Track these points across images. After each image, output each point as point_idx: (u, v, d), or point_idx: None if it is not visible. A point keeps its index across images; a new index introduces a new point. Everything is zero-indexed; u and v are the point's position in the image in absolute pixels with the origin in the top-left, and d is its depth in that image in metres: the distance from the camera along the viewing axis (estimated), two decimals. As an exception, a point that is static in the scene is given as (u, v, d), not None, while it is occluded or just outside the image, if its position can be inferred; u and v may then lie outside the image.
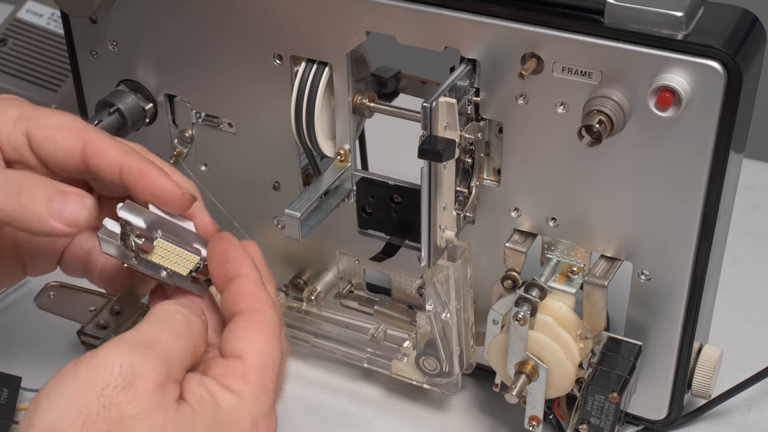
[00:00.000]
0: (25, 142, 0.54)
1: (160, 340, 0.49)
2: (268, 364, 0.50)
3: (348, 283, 0.73)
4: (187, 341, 0.50)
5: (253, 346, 0.50)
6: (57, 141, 0.54)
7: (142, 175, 0.53)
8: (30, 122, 0.54)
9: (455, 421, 0.70)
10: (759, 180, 0.93)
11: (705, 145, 0.56)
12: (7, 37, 1.02)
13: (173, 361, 0.48)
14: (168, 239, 0.53)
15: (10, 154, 0.54)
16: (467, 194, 0.64)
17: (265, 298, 0.52)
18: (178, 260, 0.53)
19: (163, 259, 0.53)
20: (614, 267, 0.62)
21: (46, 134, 0.54)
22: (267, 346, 0.51)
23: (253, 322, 0.51)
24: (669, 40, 0.54)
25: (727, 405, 0.70)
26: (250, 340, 0.50)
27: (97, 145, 0.54)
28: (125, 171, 0.54)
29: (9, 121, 0.54)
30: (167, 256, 0.53)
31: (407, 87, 0.71)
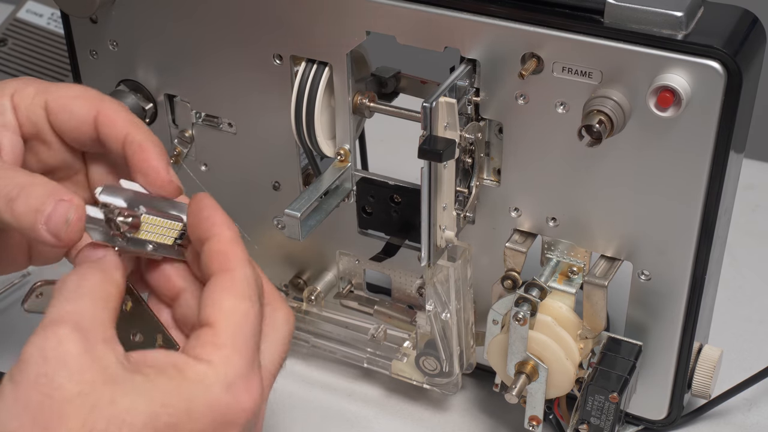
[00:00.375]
0: (43, 116, 0.55)
1: (63, 310, 0.47)
2: (240, 325, 0.49)
3: (348, 283, 0.73)
4: (91, 296, 0.48)
5: (222, 310, 0.49)
6: (72, 109, 0.55)
7: (141, 150, 0.54)
8: (48, 94, 0.55)
9: (455, 421, 0.70)
10: (759, 180, 0.93)
11: (705, 146, 0.56)
12: (7, 37, 1.02)
13: (86, 322, 0.47)
14: (152, 213, 0.53)
15: (28, 128, 0.56)
16: (467, 194, 0.64)
17: (236, 256, 0.51)
18: (162, 231, 0.53)
19: (149, 234, 0.53)
20: (614, 267, 0.62)
21: (62, 103, 0.55)
22: (237, 307, 0.49)
23: (222, 284, 0.50)
24: (669, 40, 0.54)
25: (727, 405, 0.70)
26: (219, 304, 0.49)
27: (108, 114, 0.55)
28: (128, 141, 0.54)
29: (28, 96, 0.56)
30: (152, 230, 0.53)
31: (407, 87, 0.71)
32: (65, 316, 0.47)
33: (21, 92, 0.56)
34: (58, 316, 0.47)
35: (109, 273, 0.51)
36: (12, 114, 0.55)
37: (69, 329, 0.46)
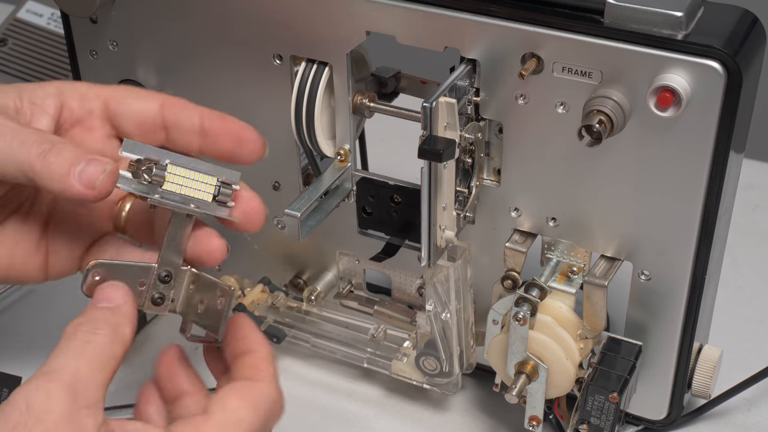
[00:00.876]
0: (99, 104, 0.57)
1: (62, 365, 0.48)
2: (230, 425, 0.49)
3: (348, 283, 0.73)
4: (94, 356, 0.49)
5: (224, 406, 0.50)
6: (139, 94, 0.57)
7: (223, 119, 0.56)
8: (106, 89, 0.57)
9: (455, 421, 0.70)
10: (759, 180, 0.93)
11: (705, 145, 0.56)
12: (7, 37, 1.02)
13: (79, 384, 0.47)
14: (178, 164, 0.54)
15: (77, 114, 0.56)
16: (467, 194, 0.64)
17: (266, 372, 0.53)
18: (197, 185, 0.54)
19: (181, 186, 0.53)
20: (614, 267, 0.62)
21: (126, 92, 0.57)
22: (239, 410, 0.50)
23: (240, 389, 0.51)
24: (669, 40, 0.54)
25: (727, 405, 0.70)
26: (225, 401, 0.50)
27: (175, 99, 0.57)
28: (206, 115, 0.56)
29: (82, 86, 0.57)
30: (184, 182, 0.54)
31: (407, 87, 0.71)
32: (61, 372, 0.48)
33: (72, 86, 0.57)
34: (56, 369, 0.48)
35: (119, 331, 0.51)
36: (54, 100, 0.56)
37: (59, 387, 0.47)
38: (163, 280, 0.55)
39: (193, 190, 0.54)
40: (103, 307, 0.52)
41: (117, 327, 0.51)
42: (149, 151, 0.54)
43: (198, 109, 0.56)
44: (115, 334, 0.50)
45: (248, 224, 0.56)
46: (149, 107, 0.56)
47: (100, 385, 0.48)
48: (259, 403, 0.51)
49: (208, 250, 0.55)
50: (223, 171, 0.54)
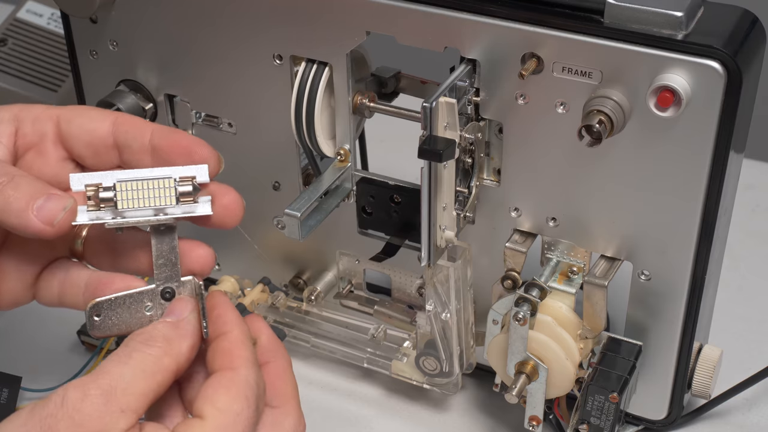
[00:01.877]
0: (51, 126, 0.55)
1: (106, 371, 0.49)
2: (229, 425, 0.49)
3: (348, 283, 0.73)
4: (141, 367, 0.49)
5: (216, 406, 0.50)
6: (90, 115, 0.55)
7: (172, 135, 0.54)
8: (60, 109, 0.56)
9: (455, 421, 0.70)
10: (759, 180, 0.93)
11: (705, 145, 0.56)
12: (7, 37, 1.02)
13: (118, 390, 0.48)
14: (127, 179, 0.51)
15: (30, 138, 0.55)
16: (467, 194, 0.64)
17: (240, 356, 0.52)
18: (154, 193, 0.52)
19: (137, 200, 0.51)
20: (614, 267, 0.62)
21: (78, 112, 0.56)
22: (231, 406, 0.50)
23: (221, 381, 0.51)
24: (669, 40, 0.54)
25: (727, 405, 0.70)
26: (215, 400, 0.50)
27: (127, 117, 0.55)
28: (156, 132, 0.54)
29: (36, 109, 0.56)
30: (140, 195, 0.51)
31: (407, 87, 0.71)
32: (103, 375, 0.48)
33: (28, 108, 0.56)
34: (101, 371, 0.49)
35: (174, 345, 0.51)
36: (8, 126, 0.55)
37: (96, 388, 0.48)
38: (166, 298, 0.53)
39: (152, 198, 0.51)
40: (165, 320, 0.52)
41: (173, 341, 0.51)
42: (93, 178, 0.51)
43: (149, 127, 0.54)
44: (169, 347, 0.51)
45: (226, 218, 0.54)
46: (99, 127, 0.55)
47: (140, 394, 0.49)
48: (246, 391, 0.51)
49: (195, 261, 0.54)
50: (185, 168, 0.52)
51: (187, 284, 0.53)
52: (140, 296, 0.53)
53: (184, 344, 0.51)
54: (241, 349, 0.52)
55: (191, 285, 0.54)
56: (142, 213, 0.51)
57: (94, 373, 0.49)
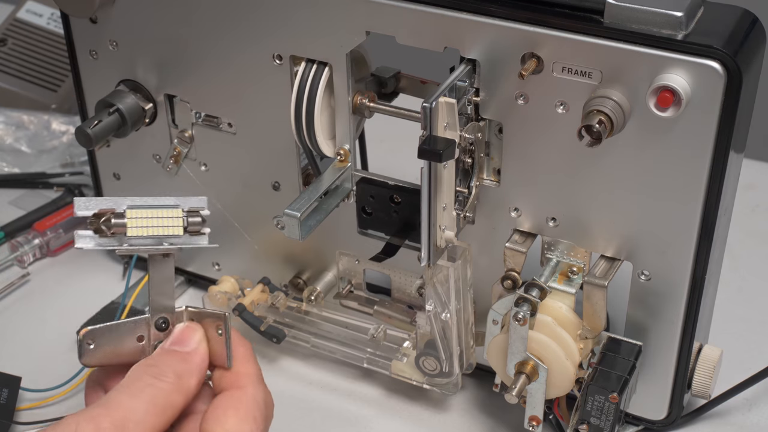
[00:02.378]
0: None
1: (118, 401, 0.49)
2: None
3: (348, 283, 0.73)
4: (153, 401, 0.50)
5: (225, 428, 0.51)
6: None
7: None
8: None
9: (455, 421, 0.70)
10: (759, 180, 0.93)
11: (705, 145, 0.56)
12: (7, 37, 1.02)
13: (131, 423, 0.48)
14: (137, 206, 0.52)
15: None
16: (467, 194, 0.63)
17: (248, 374, 0.53)
18: (163, 222, 0.52)
19: (147, 228, 0.52)
20: (614, 267, 0.62)
21: None
22: (240, 427, 0.51)
23: (230, 401, 0.52)
24: (669, 40, 0.54)
25: (727, 405, 0.70)
26: (224, 422, 0.51)
27: None
28: None
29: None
30: (149, 223, 0.52)
31: (407, 87, 0.71)
32: (116, 408, 0.49)
33: None
34: (113, 404, 0.49)
35: (184, 380, 0.51)
36: None
37: (109, 421, 0.48)
38: (160, 327, 0.54)
39: (161, 228, 0.52)
40: (174, 350, 0.52)
41: (183, 375, 0.52)
42: (104, 203, 0.52)
43: None
44: (180, 382, 0.51)
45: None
46: None
47: (151, 428, 0.49)
48: (254, 411, 0.52)
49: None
50: (187, 200, 0.53)
51: (181, 315, 0.54)
52: (134, 325, 0.53)
53: (193, 380, 0.52)
54: (247, 366, 0.53)
55: (186, 314, 0.54)
56: (149, 241, 0.52)
57: (105, 406, 0.49)
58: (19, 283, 0.82)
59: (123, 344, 0.53)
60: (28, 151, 0.95)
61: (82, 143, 0.70)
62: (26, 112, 0.96)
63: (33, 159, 0.94)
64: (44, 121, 0.96)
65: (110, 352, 0.53)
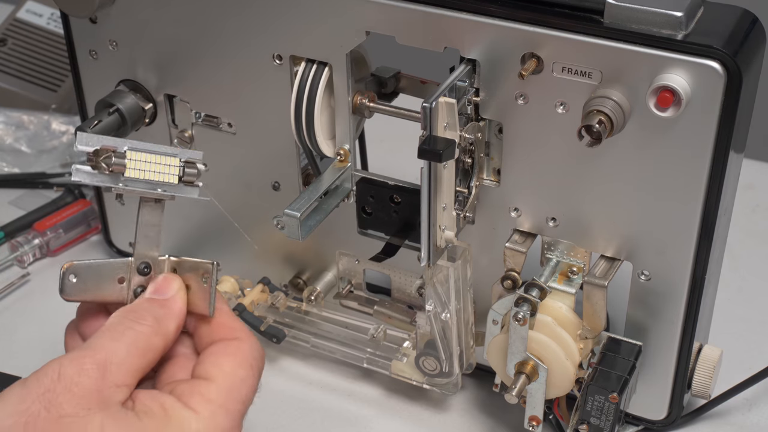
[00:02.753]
0: None
1: (100, 345, 0.50)
2: (235, 387, 0.52)
3: (348, 283, 0.73)
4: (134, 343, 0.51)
5: (223, 369, 0.52)
6: None
7: None
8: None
9: (455, 421, 0.70)
10: (759, 180, 0.93)
11: (705, 145, 0.56)
12: (7, 37, 1.02)
13: (113, 365, 0.49)
14: (137, 149, 0.52)
15: None
16: (467, 194, 0.63)
17: (241, 328, 0.54)
18: (160, 168, 0.53)
19: (144, 172, 0.53)
20: (614, 267, 0.62)
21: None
22: (237, 371, 0.52)
23: (227, 348, 0.53)
24: (669, 40, 0.54)
25: (727, 405, 0.70)
26: (221, 364, 0.52)
27: None
28: None
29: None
30: (147, 167, 0.53)
31: (407, 87, 0.71)
32: (97, 350, 0.50)
33: None
34: (94, 347, 0.50)
35: (163, 323, 0.53)
36: None
37: (92, 363, 0.49)
38: (142, 272, 0.54)
39: (157, 173, 0.53)
40: (152, 298, 0.54)
41: (162, 320, 0.53)
42: (106, 141, 0.53)
43: None
44: (159, 326, 0.53)
45: None
46: None
47: (132, 370, 0.50)
48: (250, 359, 0.53)
49: None
50: (185, 151, 0.54)
51: (163, 263, 0.55)
52: (117, 266, 0.54)
53: (172, 324, 0.53)
54: (236, 320, 0.55)
55: (167, 263, 0.55)
56: (143, 185, 0.53)
57: (87, 348, 0.50)
58: (19, 283, 0.82)
59: (104, 283, 0.54)
60: (28, 151, 0.95)
61: (82, 143, 0.70)
62: (26, 112, 0.96)
63: (33, 159, 0.94)
64: (44, 121, 0.96)
65: (91, 290, 0.54)
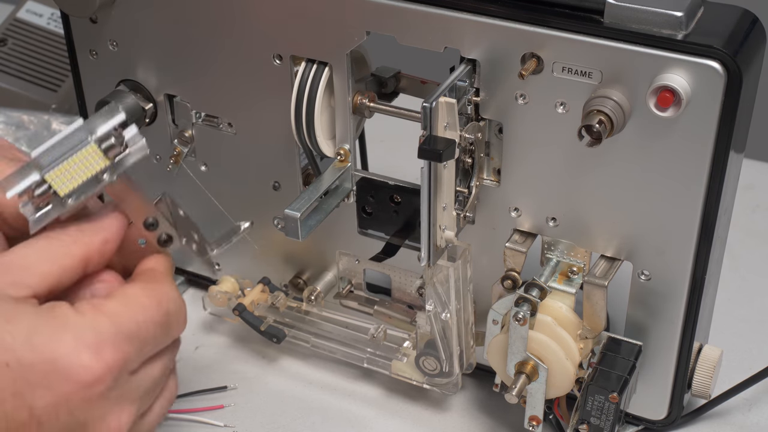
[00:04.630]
0: None
1: (12, 251, 0.51)
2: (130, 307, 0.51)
3: (348, 283, 0.73)
4: (45, 248, 0.51)
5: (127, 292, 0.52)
6: None
7: None
8: None
9: (455, 421, 0.70)
10: (759, 180, 0.93)
11: (705, 145, 0.56)
12: (7, 37, 1.02)
13: (17, 265, 0.50)
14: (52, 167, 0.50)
15: None
16: (467, 194, 0.64)
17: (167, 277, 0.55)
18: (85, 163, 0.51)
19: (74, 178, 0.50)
20: (614, 267, 0.62)
21: None
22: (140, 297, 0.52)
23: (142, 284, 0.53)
24: (669, 40, 0.54)
25: (727, 405, 0.70)
26: (126, 289, 0.52)
27: None
28: None
29: None
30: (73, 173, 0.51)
31: (407, 87, 0.71)
32: (7, 254, 0.50)
33: None
34: (7, 252, 0.51)
35: (86, 235, 0.52)
36: None
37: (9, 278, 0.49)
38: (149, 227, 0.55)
39: (86, 170, 0.50)
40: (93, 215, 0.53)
41: (84, 231, 0.52)
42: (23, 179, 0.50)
43: None
44: (80, 235, 0.52)
45: None
46: None
47: (42, 273, 0.50)
48: (161, 299, 0.52)
49: None
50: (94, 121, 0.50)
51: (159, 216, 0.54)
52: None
53: (97, 236, 0.52)
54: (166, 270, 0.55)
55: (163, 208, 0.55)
56: (86, 188, 0.51)
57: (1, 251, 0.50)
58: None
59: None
60: (28, 151, 0.94)
61: (82, 143, 0.70)
62: (26, 112, 0.96)
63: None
64: (44, 121, 0.96)
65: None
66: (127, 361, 0.50)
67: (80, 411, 0.49)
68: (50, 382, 0.48)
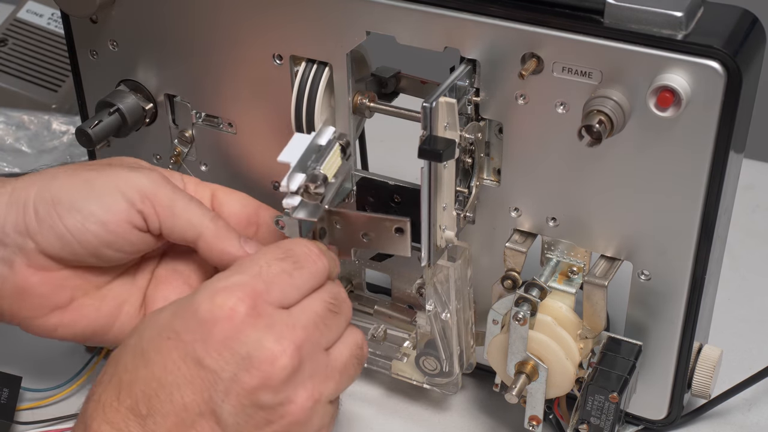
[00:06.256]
0: (208, 197, 0.64)
1: None
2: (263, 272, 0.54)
3: (348, 283, 0.73)
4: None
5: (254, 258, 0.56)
6: (238, 198, 0.65)
7: None
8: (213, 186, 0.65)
9: (455, 421, 0.70)
10: (759, 180, 0.93)
11: (705, 145, 0.56)
12: (7, 37, 1.02)
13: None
14: (321, 162, 0.60)
15: None
16: (467, 194, 0.64)
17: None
18: (333, 161, 0.61)
19: (333, 169, 0.61)
20: (614, 267, 0.62)
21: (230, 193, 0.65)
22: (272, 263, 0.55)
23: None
24: (669, 40, 0.54)
25: (727, 405, 0.70)
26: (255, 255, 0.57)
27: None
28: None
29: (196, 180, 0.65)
30: (333, 166, 0.61)
31: (407, 87, 0.71)
32: None
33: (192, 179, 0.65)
34: None
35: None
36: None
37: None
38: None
39: (333, 167, 0.61)
40: None
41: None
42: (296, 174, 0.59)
43: None
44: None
45: None
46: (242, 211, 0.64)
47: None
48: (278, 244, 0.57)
49: None
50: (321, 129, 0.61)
51: None
52: None
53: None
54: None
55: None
56: (330, 189, 0.61)
57: None
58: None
59: None
60: (28, 151, 0.95)
61: (83, 143, 0.70)
62: (26, 112, 0.96)
63: (33, 159, 0.94)
64: (44, 121, 0.96)
65: None
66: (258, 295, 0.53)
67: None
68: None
